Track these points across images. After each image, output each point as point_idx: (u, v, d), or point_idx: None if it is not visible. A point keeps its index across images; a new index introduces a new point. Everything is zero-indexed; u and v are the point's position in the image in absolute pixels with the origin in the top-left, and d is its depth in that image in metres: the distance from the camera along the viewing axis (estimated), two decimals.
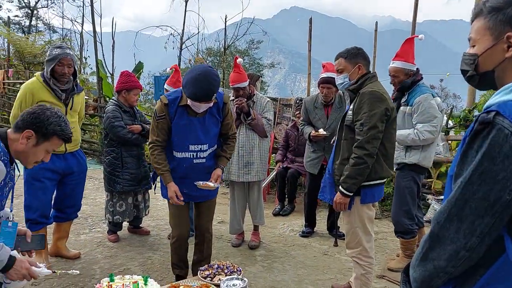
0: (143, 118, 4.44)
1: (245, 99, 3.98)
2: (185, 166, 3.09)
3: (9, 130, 2.14)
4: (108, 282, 2.42)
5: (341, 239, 4.34)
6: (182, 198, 3.04)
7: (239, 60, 3.97)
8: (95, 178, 7.03)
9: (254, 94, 4.13)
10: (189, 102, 2.86)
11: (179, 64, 10.00)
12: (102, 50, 9.98)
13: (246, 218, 4.40)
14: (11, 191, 2.27)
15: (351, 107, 2.85)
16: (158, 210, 5.38)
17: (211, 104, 2.91)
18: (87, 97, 8.96)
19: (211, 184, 3.09)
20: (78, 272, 2.37)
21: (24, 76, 11.62)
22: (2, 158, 2.02)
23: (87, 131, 9.46)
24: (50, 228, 4.36)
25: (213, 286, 2.72)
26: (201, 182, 3.08)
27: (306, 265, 3.93)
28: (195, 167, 3.10)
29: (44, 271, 2.13)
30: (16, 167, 2.25)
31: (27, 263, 2.07)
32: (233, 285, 2.67)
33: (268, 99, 4.23)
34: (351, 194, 2.80)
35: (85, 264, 3.84)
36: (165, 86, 4.48)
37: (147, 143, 3.36)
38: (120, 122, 4.14)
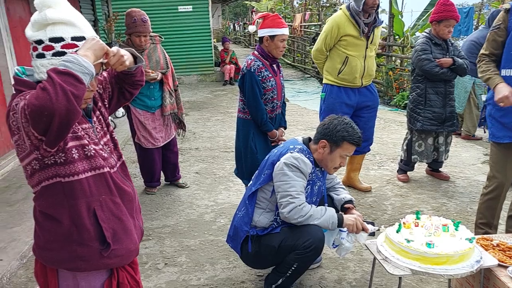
0: (458, 52, 3.93)
1: None
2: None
3: (310, 142, 2.43)
4: (415, 219, 2.28)
5: None
6: None
7: None
8: (380, 117, 7.00)
9: None
10: None
11: None
12: None
13: None
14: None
15: None
16: (458, 156, 4.90)
17: None
18: None
19: None
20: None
21: (318, 19, 12.43)
22: (308, 156, 2.33)
23: None
24: None
25: None
26: None
27: None
28: None
29: (371, 227, 2.35)
30: None
31: (354, 214, 2.38)
32: None
33: None
34: None
35: (376, 198, 3.86)
36: None
37: None
38: (428, 55, 3.83)
